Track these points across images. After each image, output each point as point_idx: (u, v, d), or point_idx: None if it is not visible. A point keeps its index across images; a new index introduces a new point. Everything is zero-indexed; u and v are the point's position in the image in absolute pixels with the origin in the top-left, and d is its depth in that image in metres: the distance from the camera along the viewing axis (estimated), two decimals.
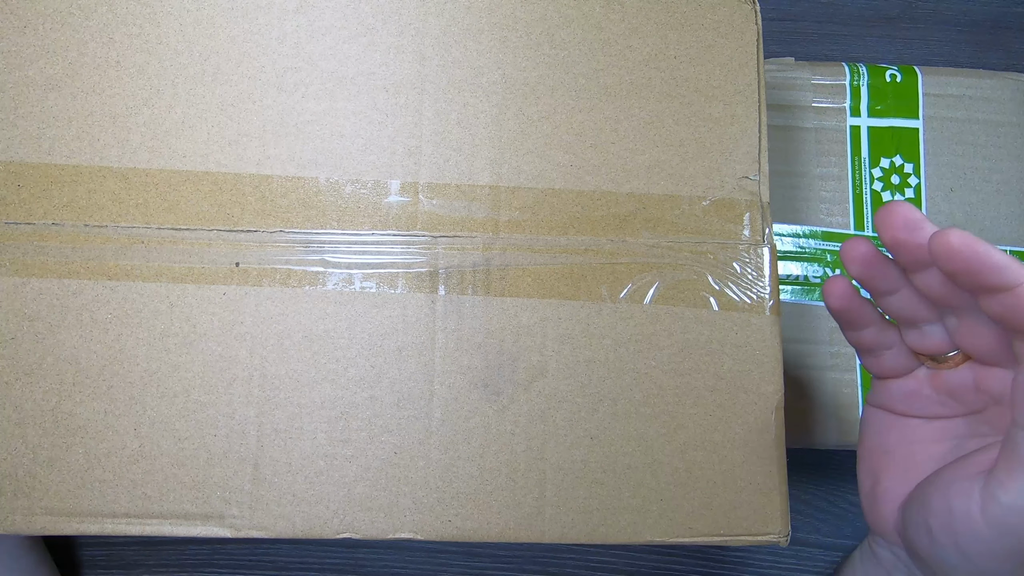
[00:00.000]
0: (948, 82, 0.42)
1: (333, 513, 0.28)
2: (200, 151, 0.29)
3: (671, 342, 0.29)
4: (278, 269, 0.29)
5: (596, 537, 0.28)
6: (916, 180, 0.41)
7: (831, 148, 0.41)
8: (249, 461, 0.28)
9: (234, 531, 0.28)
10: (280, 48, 0.30)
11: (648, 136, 0.30)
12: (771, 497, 0.29)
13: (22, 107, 0.29)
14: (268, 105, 0.30)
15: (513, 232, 0.30)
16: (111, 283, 0.28)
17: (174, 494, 0.28)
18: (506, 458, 0.28)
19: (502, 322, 0.29)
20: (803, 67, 0.42)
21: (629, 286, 0.29)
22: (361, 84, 0.30)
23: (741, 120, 0.31)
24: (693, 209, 0.30)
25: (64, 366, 0.28)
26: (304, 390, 0.28)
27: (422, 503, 0.28)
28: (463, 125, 0.30)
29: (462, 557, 0.43)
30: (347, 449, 0.28)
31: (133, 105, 0.29)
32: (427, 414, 0.28)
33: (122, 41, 0.30)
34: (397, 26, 0.31)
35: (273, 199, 0.29)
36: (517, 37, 0.31)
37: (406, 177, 0.30)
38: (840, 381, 0.40)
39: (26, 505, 0.27)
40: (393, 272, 0.29)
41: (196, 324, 0.28)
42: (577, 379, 0.29)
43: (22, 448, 0.27)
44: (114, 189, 0.29)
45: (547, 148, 0.30)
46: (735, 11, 0.31)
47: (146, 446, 0.28)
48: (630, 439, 0.29)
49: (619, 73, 0.31)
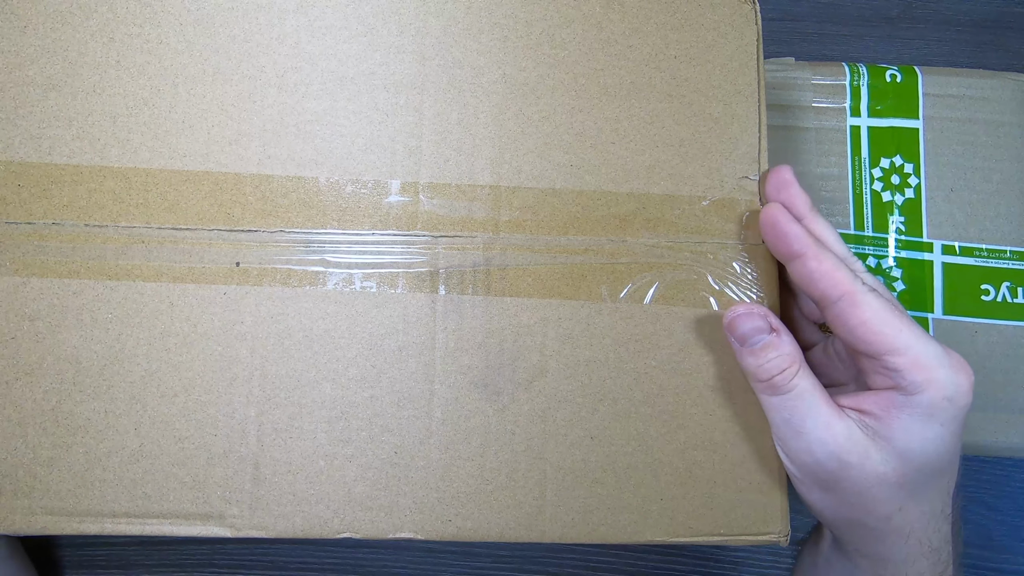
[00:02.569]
0: (948, 82, 0.42)
1: (333, 513, 0.28)
2: (200, 151, 0.29)
3: (671, 342, 0.29)
4: (278, 269, 0.29)
5: (596, 537, 0.28)
6: (916, 180, 0.41)
7: (831, 148, 0.41)
8: (249, 461, 0.28)
9: (234, 531, 0.28)
10: (280, 48, 0.30)
11: (648, 136, 0.30)
12: (771, 497, 0.29)
13: (22, 107, 0.29)
14: (268, 105, 0.30)
15: (513, 232, 0.30)
16: (111, 283, 0.28)
17: (174, 494, 0.28)
18: (506, 458, 0.28)
19: (502, 322, 0.29)
20: (803, 67, 0.42)
21: (629, 286, 0.29)
22: (361, 84, 0.30)
23: (741, 120, 0.31)
24: (693, 209, 0.30)
25: (64, 366, 0.28)
26: (304, 390, 0.28)
27: (422, 503, 0.28)
28: (463, 125, 0.30)
29: (462, 557, 0.43)
30: (347, 449, 0.28)
31: (133, 105, 0.29)
32: (427, 414, 0.28)
33: (122, 41, 0.30)
34: (397, 26, 0.31)
35: (274, 199, 0.29)
36: (517, 37, 0.31)
37: (406, 177, 0.30)
38: None
39: (26, 505, 0.27)
40: (393, 272, 0.29)
41: (196, 324, 0.28)
42: (577, 379, 0.29)
43: (22, 448, 0.27)
44: (114, 189, 0.29)
45: (547, 148, 0.30)
46: (735, 11, 0.31)
47: (146, 446, 0.28)
48: (630, 439, 0.29)
49: (619, 73, 0.31)
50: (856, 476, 0.26)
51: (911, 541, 0.27)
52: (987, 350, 0.39)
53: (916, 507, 0.27)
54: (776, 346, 0.26)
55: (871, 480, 0.26)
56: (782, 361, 0.26)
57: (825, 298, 0.26)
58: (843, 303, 0.25)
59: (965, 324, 0.39)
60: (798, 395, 0.26)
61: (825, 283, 0.26)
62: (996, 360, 0.39)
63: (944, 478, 0.27)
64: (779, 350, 0.26)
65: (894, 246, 0.40)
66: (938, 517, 0.27)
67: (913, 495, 0.26)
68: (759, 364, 0.26)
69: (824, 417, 0.26)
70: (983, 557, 0.44)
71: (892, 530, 0.27)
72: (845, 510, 0.27)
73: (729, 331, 0.27)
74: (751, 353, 0.27)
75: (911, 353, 0.25)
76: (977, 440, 0.38)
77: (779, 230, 0.27)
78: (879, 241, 0.40)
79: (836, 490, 0.27)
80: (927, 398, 0.25)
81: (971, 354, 0.39)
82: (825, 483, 0.27)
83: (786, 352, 0.26)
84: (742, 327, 0.27)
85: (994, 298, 0.40)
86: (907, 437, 0.25)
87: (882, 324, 0.25)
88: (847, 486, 0.26)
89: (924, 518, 0.27)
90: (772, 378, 0.26)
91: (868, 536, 0.27)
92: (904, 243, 0.40)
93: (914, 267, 0.40)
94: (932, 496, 0.27)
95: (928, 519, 0.27)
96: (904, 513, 0.26)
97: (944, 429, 0.25)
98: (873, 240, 0.40)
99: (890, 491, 0.26)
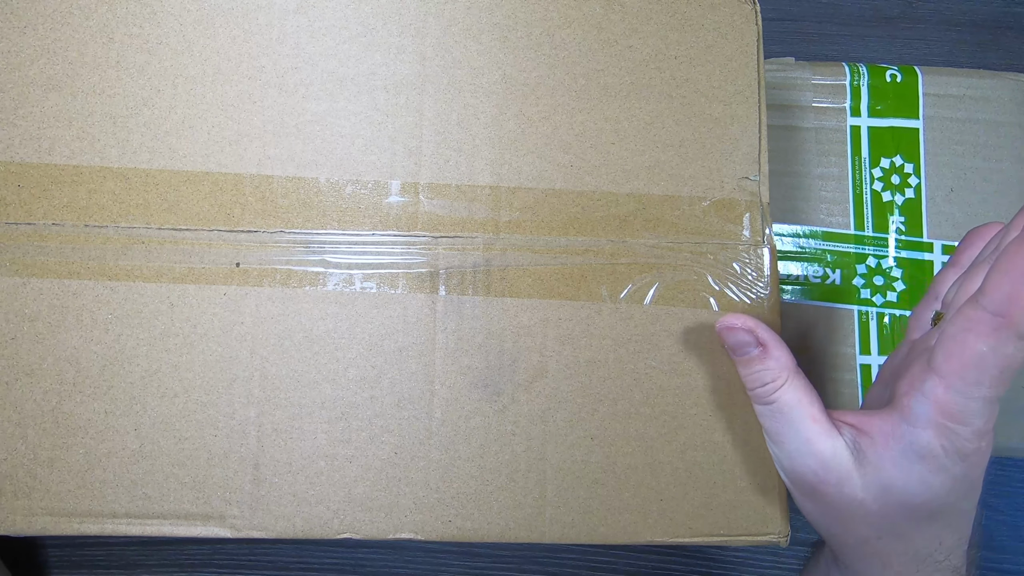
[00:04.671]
0: (948, 82, 0.42)
1: (333, 513, 0.28)
2: (200, 151, 0.29)
3: (671, 342, 0.29)
4: (279, 269, 0.29)
5: (596, 537, 0.28)
6: (916, 180, 0.41)
7: (831, 148, 0.41)
8: (249, 461, 0.28)
9: (234, 531, 0.28)
10: (280, 48, 0.30)
11: (648, 136, 0.30)
12: (771, 497, 0.29)
13: (22, 107, 0.29)
14: (268, 105, 0.30)
15: (513, 232, 0.30)
16: (111, 283, 0.28)
17: (174, 494, 0.28)
18: (506, 458, 0.28)
19: (502, 322, 0.29)
20: (803, 67, 0.42)
21: (629, 287, 0.29)
22: (361, 84, 0.30)
23: (741, 120, 0.31)
24: (693, 210, 0.30)
25: (64, 366, 0.28)
26: (304, 390, 0.28)
27: (422, 503, 0.28)
28: (463, 125, 0.30)
29: (462, 557, 0.43)
30: (347, 449, 0.28)
31: (133, 105, 0.29)
32: (427, 414, 0.28)
33: (122, 41, 0.30)
34: (398, 26, 0.31)
35: (273, 199, 0.29)
36: (517, 37, 0.31)
37: (406, 177, 0.30)
38: (840, 381, 0.40)
39: (26, 505, 0.27)
40: (393, 272, 0.29)
41: (197, 324, 0.28)
42: (577, 379, 0.29)
43: (22, 448, 0.27)
44: (114, 189, 0.29)
45: (547, 148, 0.30)
46: (735, 11, 0.31)
47: (146, 446, 0.28)
48: (630, 439, 0.29)
49: (619, 73, 0.31)
50: (833, 495, 0.25)
51: (889, 572, 0.26)
52: None
53: (896, 542, 0.26)
54: (761, 360, 0.26)
55: (847, 502, 0.25)
56: (765, 375, 0.26)
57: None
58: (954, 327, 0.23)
59: None
60: (779, 409, 0.26)
61: None
62: None
63: (935, 525, 0.25)
64: (763, 364, 0.26)
65: (894, 246, 0.40)
66: (926, 563, 0.26)
67: (893, 530, 0.26)
68: (746, 374, 0.27)
69: (805, 433, 0.25)
70: (983, 557, 0.44)
71: (870, 553, 0.26)
72: (826, 521, 0.27)
73: (721, 339, 0.28)
74: (739, 362, 0.27)
75: (950, 392, 0.23)
76: None
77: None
78: (879, 241, 0.40)
79: (816, 502, 0.26)
80: (925, 437, 0.24)
81: None
82: (804, 492, 0.27)
83: (770, 367, 0.26)
84: (730, 339, 0.27)
85: None
86: (893, 471, 0.24)
87: (963, 348, 0.23)
88: (826, 501, 0.26)
89: (906, 558, 0.26)
90: (755, 389, 0.26)
91: (848, 552, 0.27)
92: (904, 243, 0.40)
93: (914, 267, 0.40)
94: (917, 539, 0.26)
95: (910, 560, 0.26)
96: (883, 543, 0.26)
97: (933, 477, 0.24)
98: (873, 240, 0.40)
99: (867, 518, 0.25)
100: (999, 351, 0.22)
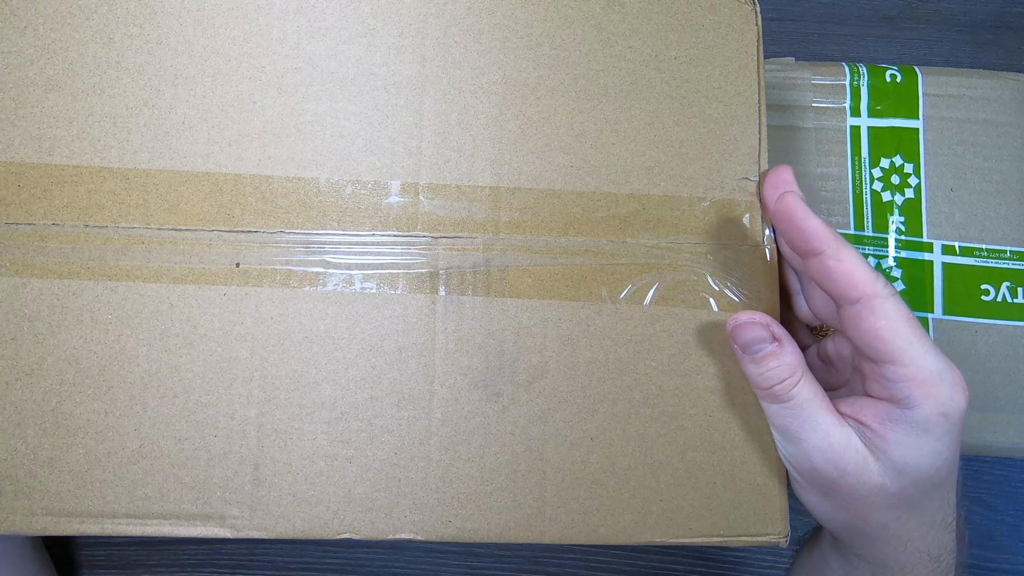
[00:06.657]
0: (948, 82, 0.42)
1: (333, 514, 0.28)
2: (200, 151, 0.29)
3: (671, 343, 0.29)
4: (278, 270, 0.29)
5: (596, 537, 0.28)
6: (916, 180, 0.41)
7: (831, 148, 0.41)
8: (249, 461, 0.28)
9: (234, 531, 0.28)
10: (280, 49, 0.30)
11: (648, 137, 0.30)
12: (771, 497, 0.29)
13: (22, 107, 0.29)
14: (268, 106, 0.30)
15: (513, 233, 0.30)
16: (111, 283, 0.28)
17: (174, 494, 0.28)
18: (506, 459, 0.28)
19: (502, 323, 0.29)
20: (803, 67, 0.42)
21: (629, 287, 0.29)
22: (362, 85, 0.30)
23: (741, 121, 0.31)
24: (693, 210, 0.30)
25: (64, 366, 0.28)
26: (304, 391, 0.28)
27: (422, 504, 0.28)
28: (463, 126, 0.30)
29: (462, 557, 0.43)
30: (347, 450, 0.28)
31: (133, 105, 0.29)
32: (427, 415, 0.28)
33: (122, 41, 0.30)
34: (398, 27, 0.31)
35: (273, 200, 0.29)
36: (517, 38, 0.31)
37: (406, 178, 0.30)
38: None
39: (26, 505, 0.27)
40: (393, 273, 0.29)
41: (196, 325, 0.28)
42: (577, 380, 0.29)
43: (22, 448, 0.27)
44: (114, 189, 0.29)
45: (547, 149, 0.30)
46: (735, 12, 0.31)
47: (146, 446, 0.28)
48: (630, 440, 0.29)
49: (619, 74, 0.31)
50: (854, 485, 0.26)
51: (909, 549, 0.27)
52: (987, 350, 0.39)
53: (914, 517, 0.26)
54: (777, 355, 0.26)
55: (868, 490, 0.26)
56: (783, 371, 0.26)
57: (842, 298, 0.25)
58: (860, 306, 0.25)
59: (965, 324, 0.39)
60: (798, 404, 0.26)
61: (844, 283, 0.25)
62: (996, 360, 0.39)
63: (943, 489, 0.26)
64: (780, 360, 0.26)
65: (894, 246, 0.40)
66: (938, 527, 0.27)
67: (911, 506, 0.26)
68: (760, 372, 0.26)
69: (824, 426, 0.26)
70: (983, 557, 0.44)
71: (889, 537, 0.27)
72: (843, 515, 0.27)
73: (732, 338, 0.27)
74: (752, 361, 0.27)
75: (912, 367, 0.24)
76: (977, 440, 0.38)
77: (796, 224, 0.25)
78: (879, 241, 0.40)
79: (834, 496, 0.26)
80: (922, 413, 0.24)
81: (971, 354, 0.39)
82: (823, 488, 0.27)
83: (787, 362, 0.26)
84: (744, 336, 0.27)
85: (994, 298, 0.40)
86: (903, 451, 0.25)
87: (893, 334, 0.24)
88: (845, 493, 0.26)
89: (923, 528, 0.27)
90: (772, 387, 0.26)
91: (866, 541, 0.27)
92: (904, 243, 0.40)
93: (914, 267, 0.40)
94: (931, 507, 0.27)
95: (927, 529, 0.27)
96: (902, 522, 0.26)
97: (940, 443, 0.25)
98: (873, 240, 0.40)
99: (888, 501, 0.26)
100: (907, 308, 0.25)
